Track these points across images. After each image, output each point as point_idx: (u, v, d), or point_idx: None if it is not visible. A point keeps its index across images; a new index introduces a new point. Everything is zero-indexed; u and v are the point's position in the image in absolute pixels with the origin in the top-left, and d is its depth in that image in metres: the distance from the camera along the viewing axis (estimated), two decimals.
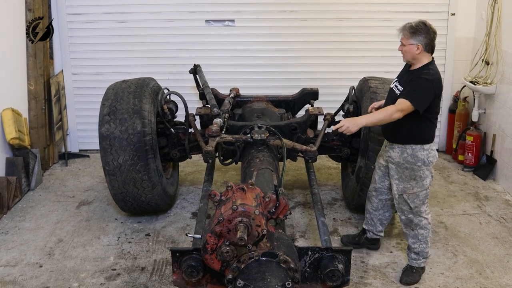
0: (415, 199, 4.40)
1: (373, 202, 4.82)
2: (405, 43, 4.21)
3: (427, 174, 4.36)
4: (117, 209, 5.68)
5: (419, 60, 4.22)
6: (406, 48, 4.21)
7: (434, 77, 4.14)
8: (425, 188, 4.38)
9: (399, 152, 4.36)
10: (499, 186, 6.38)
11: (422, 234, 4.48)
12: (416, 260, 4.53)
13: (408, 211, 4.45)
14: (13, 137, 5.91)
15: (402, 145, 4.34)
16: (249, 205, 3.06)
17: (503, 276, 4.57)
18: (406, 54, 4.25)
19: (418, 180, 4.35)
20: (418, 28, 4.15)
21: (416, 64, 4.25)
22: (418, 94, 4.10)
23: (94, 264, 4.74)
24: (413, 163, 4.31)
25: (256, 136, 4.88)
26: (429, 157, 4.31)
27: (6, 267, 4.70)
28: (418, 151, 4.28)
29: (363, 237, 5.00)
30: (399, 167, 4.39)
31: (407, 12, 7.14)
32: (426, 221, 4.46)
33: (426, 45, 4.16)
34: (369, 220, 4.91)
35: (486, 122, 6.81)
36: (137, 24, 7.19)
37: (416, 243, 4.51)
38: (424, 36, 4.14)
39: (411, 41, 4.16)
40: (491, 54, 6.55)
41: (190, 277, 3.27)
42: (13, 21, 6.29)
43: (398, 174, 4.41)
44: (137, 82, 5.38)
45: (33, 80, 6.57)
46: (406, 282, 4.47)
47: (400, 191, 4.42)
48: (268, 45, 7.30)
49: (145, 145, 5.00)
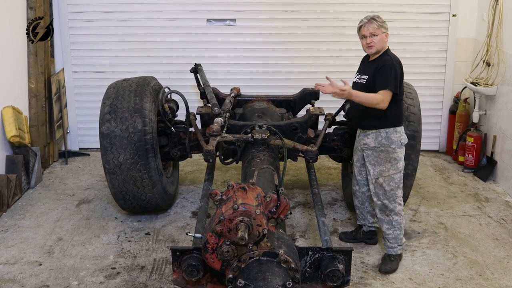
0: (391, 182, 4.61)
1: (358, 197, 5.00)
2: (378, 33, 4.47)
3: (400, 157, 4.60)
4: (117, 207, 5.68)
5: (384, 48, 4.54)
6: (379, 37, 4.48)
7: (396, 59, 4.49)
8: (400, 170, 4.61)
9: (374, 137, 4.60)
10: (499, 187, 6.38)
11: (396, 220, 4.67)
12: (393, 248, 4.72)
13: (383, 195, 4.65)
14: (14, 135, 5.91)
15: (376, 130, 4.57)
16: (250, 205, 3.05)
17: (503, 278, 4.56)
18: (378, 44, 4.49)
19: (393, 163, 4.58)
20: (381, 19, 4.52)
21: (378, 54, 4.54)
22: (391, 79, 4.39)
23: (94, 263, 4.73)
24: (387, 145, 4.55)
25: (257, 136, 4.88)
26: (401, 139, 4.57)
27: (5, 265, 4.69)
28: (391, 134, 4.54)
29: (360, 231, 5.13)
30: (374, 151, 4.62)
31: (408, 13, 7.16)
32: (400, 207, 4.67)
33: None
34: (360, 215, 5.08)
35: (487, 123, 6.81)
36: (138, 23, 7.19)
37: (391, 229, 4.70)
38: (386, 26, 4.52)
39: (382, 29, 4.48)
40: (492, 56, 6.55)
41: (190, 276, 3.27)
42: (14, 19, 6.29)
43: (374, 159, 4.63)
44: (138, 81, 5.37)
45: (33, 78, 6.57)
46: (385, 270, 4.64)
47: (376, 175, 4.63)
48: (269, 44, 7.30)
49: (146, 144, 4.99)
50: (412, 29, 7.20)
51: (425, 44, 7.25)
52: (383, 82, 4.40)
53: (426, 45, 7.26)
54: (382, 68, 4.44)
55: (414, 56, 7.24)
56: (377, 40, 4.47)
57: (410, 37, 7.21)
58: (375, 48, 4.50)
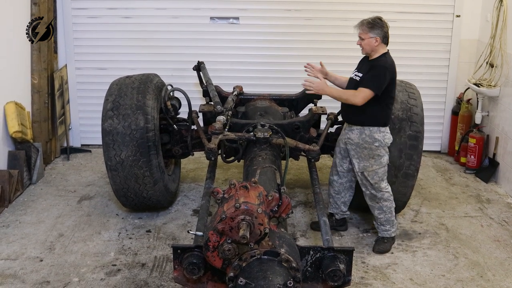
0: (374, 176, 4.79)
1: (334, 187, 5.16)
2: (365, 37, 4.63)
3: (383, 153, 4.77)
4: (118, 204, 5.68)
5: (377, 51, 4.66)
6: (366, 42, 4.64)
7: (389, 64, 4.62)
8: (383, 165, 4.79)
9: (358, 133, 4.75)
10: (501, 189, 6.37)
11: (386, 205, 4.88)
12: (387, 231, 4.95)
13: (370, 187, 4.84)
14: (16, 130, 5.91)
15: (361, 127, 4.73)
16: (252, 203, 3.05)
17: (504, 279, 4.56)
18: (366, 47, 4.66)
19: (376, 159, 4.75)
20: (375, 23, 4.61)
21: (374, 55, 4.68)
22: (375, 79, 4.56)
23: (95, 259, 4.74)
24: (370, 143, 4.71)
25: (259, 134, 4.88)
26: (385, 138, 4.73)
27: (6, 260, 4.70)
28: (375, 133, 4.69)
29: (332, 219, 5.25)
30: (358, 147, 4.77)
31: (412, 13, 7.15)
32: (388, 194, 4.87)
33: (383, 38, 4.63)
34: (333, 204, 5.24)
35: (489, 124, 6.80)
36: (141, 20, 7.19)
37: (381, 213, 4.92)
38: (381, 30, 4.60)
39: (370, 34, 4.60)
40: (496, 57, 6.53)
41: (191, 274, 3.27)
42: (17, 14, 6.29)
43: (357, 154, 4.79)
44: (141, 78, 5.38)
45: (36, 74, 6.57)
46: (379, 250, 4.91)
47: (361, 169, 4.80)
48: (272, 43, 7.30)
49: (148, 141, 4.99)
50: (415, 29, 7.19)
51: (428, 45, 7.24)
52: (366, 81, 4.60)
53: (429, 45, 7.24)
54: (373, 68, 4.62)
55: (417, 57, 7.24)
56: (364, 44, 4.66)
57: (413, 38, 7.20)
58: (364, 51, 4.71)
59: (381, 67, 4.59)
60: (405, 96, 5.12)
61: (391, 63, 4.65)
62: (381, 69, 4.58)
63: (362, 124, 4.71)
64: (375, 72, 4.59)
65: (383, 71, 4.57)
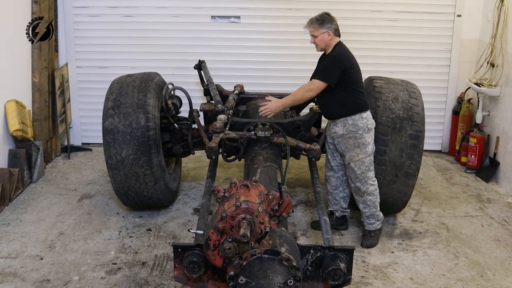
0: (361, 165, 4.83)
1: (331, 182, 5.20)
2: (317, 34, 4.71)
3: (369, 142, 4.81)
4: (119, 203, 5.68)
5: (331, 45, 4.75)
6: (319, 38, 4.71)
7: (338, 52, 4.70)
8: (369, 154, 4.83)
9: (342, 125, 4.81)
10: (502, 188, 6.37)
11: (370, 200, 4.94)
12: (372, 224, 5.03)
13: (355, 179, 4.88)
14: (16, 129, 5.91)
15: (343, 118, 4.78)
16: (252, 202, 3.05)
17: (504, 279, 4.56)
18: (320, 43, 4.74)
19: (362, 147, 4.79)
20: (324, 18, 4.72)
21: (328, 49, 4.77)
22: (325, 71, 4.67)
23: (95, 258, 4.74)
24: (354, 131, 4.76)
25: (260, 133, 4.89)
26: (368, 124, 4.77)
27: (7, 259, 4.70)
28: (357, 120, 4.74)
29: (332, 218, 5.28)
30: (343, 138, 4.83)
31: (412, 13, 7.14)
32: (373, 188, 4.91)
33: (335, 31, 4.72)
34: (332, 200, 5.27)
35: (490, 124, 6.79)
36: (142, 19, 7.19)
37: (366, 208, 4.99)
38: (331, 23, 4.70)
39: (322, 30, 4.69)
40: (497, 56, 6.53)
41: (192, 273, 3.27)
42: (18, 13, 6.29)
43: (344, 145, 4.86)
44: (141, 77, 5.38)
45: (37, 72, 6.57)
46: (367, 245, 4.99)
47: (348, 160, 4.87)
48: (273, 42, 7.29)
49: (149, 139, 4.99)
50: (416, 29, 7.18)
51: (429, 44, 7.23)
52: (317, 73, 4.74)
53: (430, 45, 7.23)
54: (325, 60, 4.74)
55: (418, 56, 7.23)
56: (318, 41, 4.73)
57: (414, 37, 7.19)
58: (319, 47, 4.78)
59: (331, 57, 4.69)
60: (406, 96, 5.11)
61: (343, 52, 4.72)
62: (331, 59, 4.67)
63: (343, 115, 4.77)
64: (325, 63, 4.70)
65: (333, 61, 4.65)
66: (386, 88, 5.15)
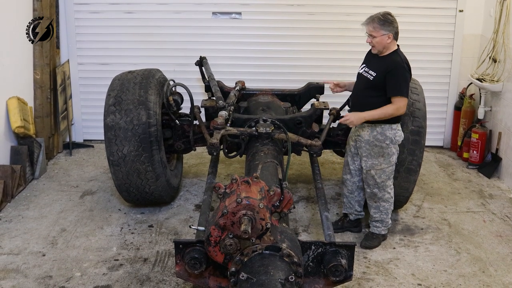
0: (382, 175, 4.75)
1: (348, 186, 5.09)
2: (376, 35, 4.48)
3: (394, 152, 4.72)
4: (121, 199, 5.69)
5: (389, 48, 4.55)
6: (378, 39, 4.50)
7: (405, 62, 4.53)
8: (392, 164, 4.75)
9: (369, 131, 4.68)
10: (504, 184, 6.36)
11: (384, 206, 4.88)
12: (378, 228, 4.95)
13: (374, 185, 4.80)
14: (18, 125, 5.92)
15: (372, 124, 4.64)
16: (253, 198, 3.05)
17: (506, 275, 4.56)
18: (378, 45, 4.53)
19: (386, 157, 4.70)
20: (386, 19, 4.47)
21: (385, 52, 4.57)
22: (404, 85, 4.47)
23: (97, 254, 4.75)
24: (382, 140, 4.65)
25: (261, 130, 4.88)
26: (396, 136, 4.66)
27: (9, 255, 4.71)
28: (386, 130, 4.63)
29: (346, 220, 5.23)
30: (368, 144, 4.71)
31: (414, 8, 7.13)
32: (389, 195, 4.85)
33: (395, 34, 4.51)
34: (347, 204, 5.17)
35: (492, 119, 6.78)
36: (144, 15, 7.18)
37: (377, 213, 4.91)
38: (392, 26, 4.48)
39: (382, 32, 4.46)
40: (499, 52, 6.51)
41: (193, 269, 3.28)
42: (19, 10, 6.29)
43: (367, 152, 4.73)
44: (143, 73, 5.37)
45: (39, 69, 6.57)
46: (366, 245, 4.90)
47: (368, 167, 4.76)
48: (274, 38, 7.28)
49: (150, 136, 5.00)
50: (418, 24, 7.16)
51: (431, 40, 7.22)
52: (396, 89, 4.46)
53: (432, 40, 7.22)
54: (393, 71, 4.46)
55: (420, 52, 7.21)
56: (375, 42, 4.52)
57: (416, 33, 7.17)
58: (375, 49, 4.58)
59: (402, 69, 4.47)
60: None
61: (406, 60, 4.56)
62: (403, 71, 4.47)
63: (373, 122, 4.63)
64: (398, 76, 4.45)
65: (406, 74, 4.48)
66: None
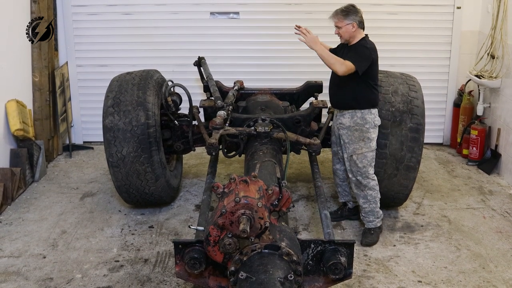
0: (363, 159, 4.85)
1: (339, 175, 5.24)
2: (341, 25, 4.73)
3: (373, 137, 4.85)
4: (121, 201, 5.69)
5: (355, 36, 4.75)
6: (343, 29, 4.73)
7: (371, 46, 4.72)
8: (372, 149, 4.86)
9: (349, 117, 4.84)
10: (504, 180, 6.36)
11: (370, 194, 4.94)
12: (372, 222, 5.00)
13: (356, 172, 4.90)
14: (18, 128, 5.92)
15: (352, 110, 4.81)
16: (252, 198, 3.05)
17: (507, 271, 4.56)
18: (344, 34, 4.75)
19: (366, 141, 4.82)
20: (348, 10, 4.73)
21: (353, 41, 4.77)
22: (359, 58, 4.63)
23: (98, 256, 4.75)
24: (362, 125, 4.79)
25: (259, 129, 4.89)
26: (375, 120, 4.82)
27: (10, 258, 4.72)
28: (366, 114, 4.79)
29: (345, 209, 5.38)
30: (349, 130, 4.85)
31: (412, 5, 7.13)
32: (373, 183, 4.93)
33: (359, 23, 4.73)
34: (342, 192, 5.33)
35: (491, 116, 6.78)
36: (141, 16, 7.19)
37: (366, 203, 4.97)
38: (356, 15, 4.71)
39: (346, 21, 4.70)
40: (497, 48, 6.51)
41: (193, 269, 3.28)
42: (17, 13, 6.29)
43: (348, 137, 4.87)
44: (141, 74, 5.38)
45: (37, 71, 6.58)
46: (367, 243, 4.93)
47: (350, 152, 4.88)
48: (272, 37, 7.29)
49: (149, 137, 5.00)
50: (416, 21, 7.17)
51: (429, 37, 7.22)
52: (352, 58, 4.61)
53: (430, 37, 7.22)
54: (356, 49, 4.70)
55: (418, 49, 7.22)
56: (342, 32, 4.75)
57: (414, 30, 7.18)
58: (343, 39, 4.80)
59: (364, 47, 4.68)
60: (406, 89, 5.10)
61: (373, 45, 4.74)
62: (365, 49, 4.67)
63: (353, 107, 4.79)
64: (358, 52, 4.66)
65: (367, 52, 4.65)
66: (385, 82, 5.15)
